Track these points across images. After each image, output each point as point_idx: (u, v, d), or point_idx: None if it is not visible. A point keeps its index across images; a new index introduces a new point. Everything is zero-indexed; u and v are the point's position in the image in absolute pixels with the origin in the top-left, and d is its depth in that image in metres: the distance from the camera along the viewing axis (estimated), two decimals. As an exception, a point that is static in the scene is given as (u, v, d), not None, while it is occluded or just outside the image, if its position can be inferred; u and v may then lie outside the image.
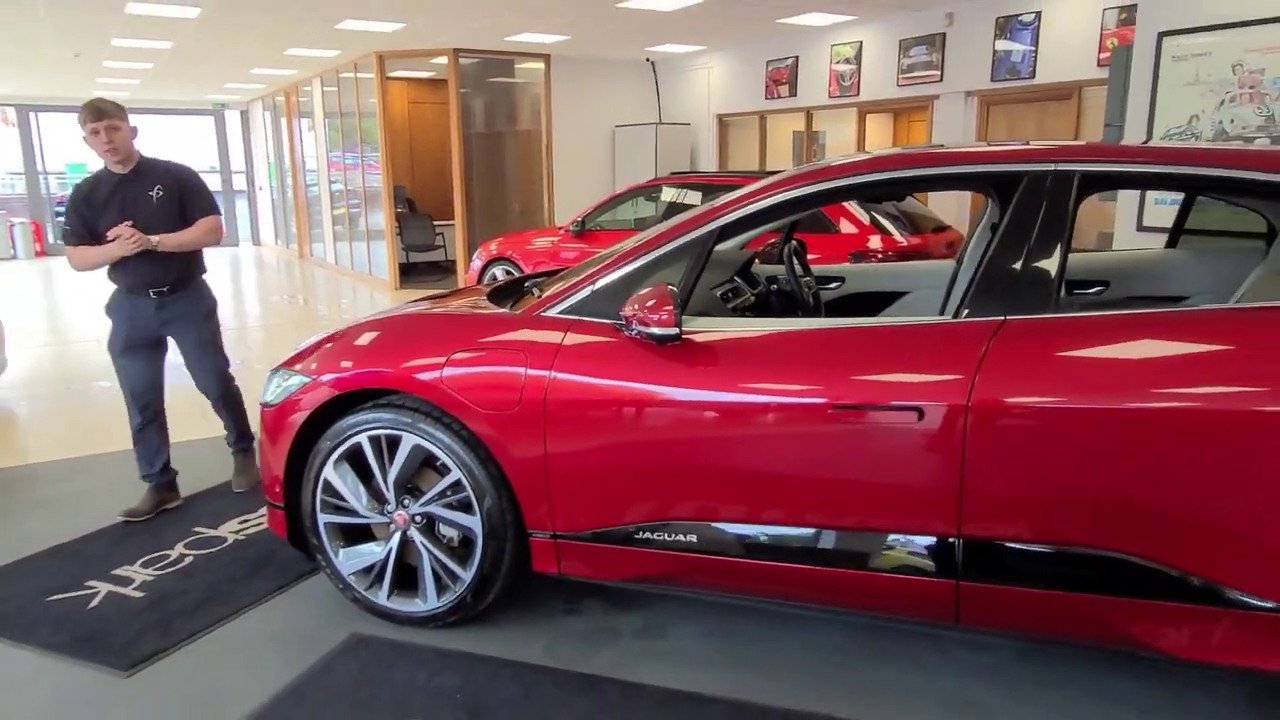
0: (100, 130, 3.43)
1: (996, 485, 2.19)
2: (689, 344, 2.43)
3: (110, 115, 3.45)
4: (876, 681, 2.53)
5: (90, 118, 3.43)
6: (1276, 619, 2.03)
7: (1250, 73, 4.49)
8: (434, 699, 2.46)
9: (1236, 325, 2.14)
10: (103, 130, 3.43)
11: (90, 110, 3.44)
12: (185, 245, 3.63)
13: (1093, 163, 2.35)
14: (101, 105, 3.46)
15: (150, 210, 3.56)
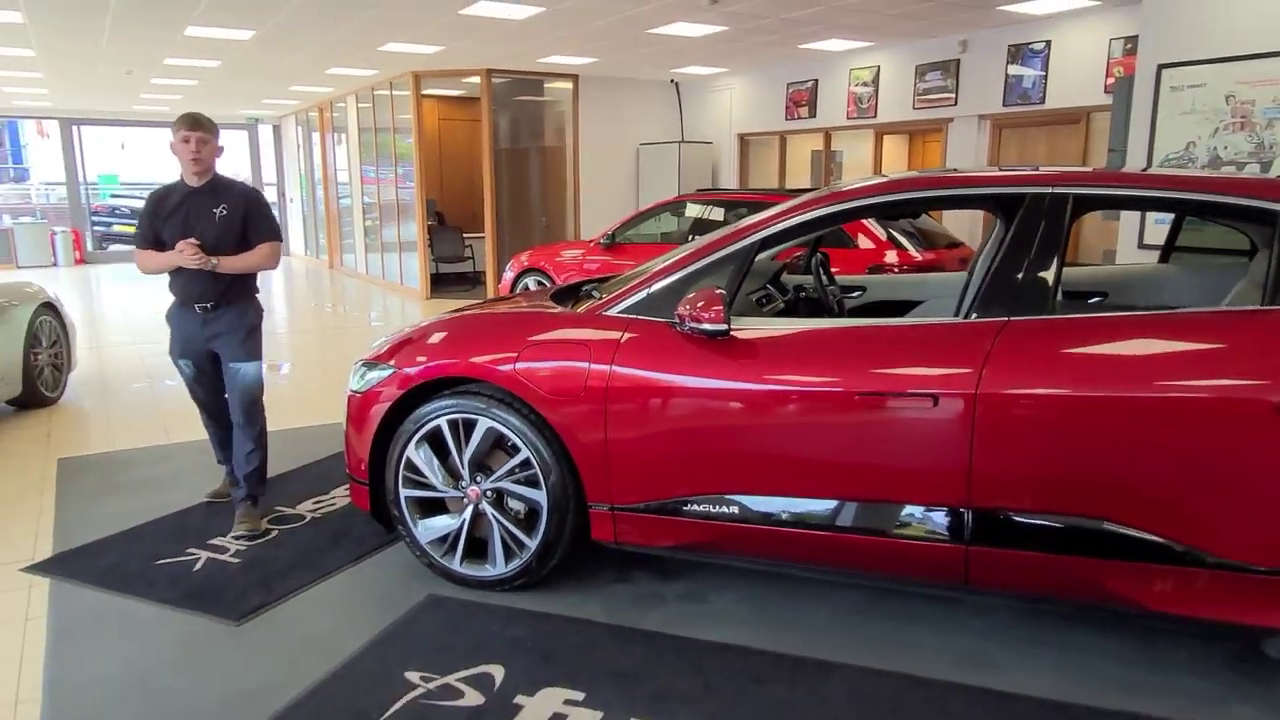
0: (191, 140, 3.55)
1: (1001, 462, 2.56)
2: (735, 339, 2.81)
3: (205, 129, 3.59)
4: (894, 638, 2.88)
5: (185, 126, 3.55)
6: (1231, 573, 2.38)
7: (1241, 103, 4.85)
8: (508, 646, 2.83)
9: (1206, 326, 2.50)
10: (194, 140, 3.55)
11: (188, 120, 3.57)
12: (242, 269, 3.70)
13: (1084, 186, 2.73)
14: (199, 118, 3.61)
15: (212, 226, 3.63)
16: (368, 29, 8.21)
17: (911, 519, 2.68)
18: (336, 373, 7.03)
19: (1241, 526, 2.39)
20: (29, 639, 2.91)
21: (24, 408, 5.82)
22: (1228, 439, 2.38)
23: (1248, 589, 2.41)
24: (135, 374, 7.03)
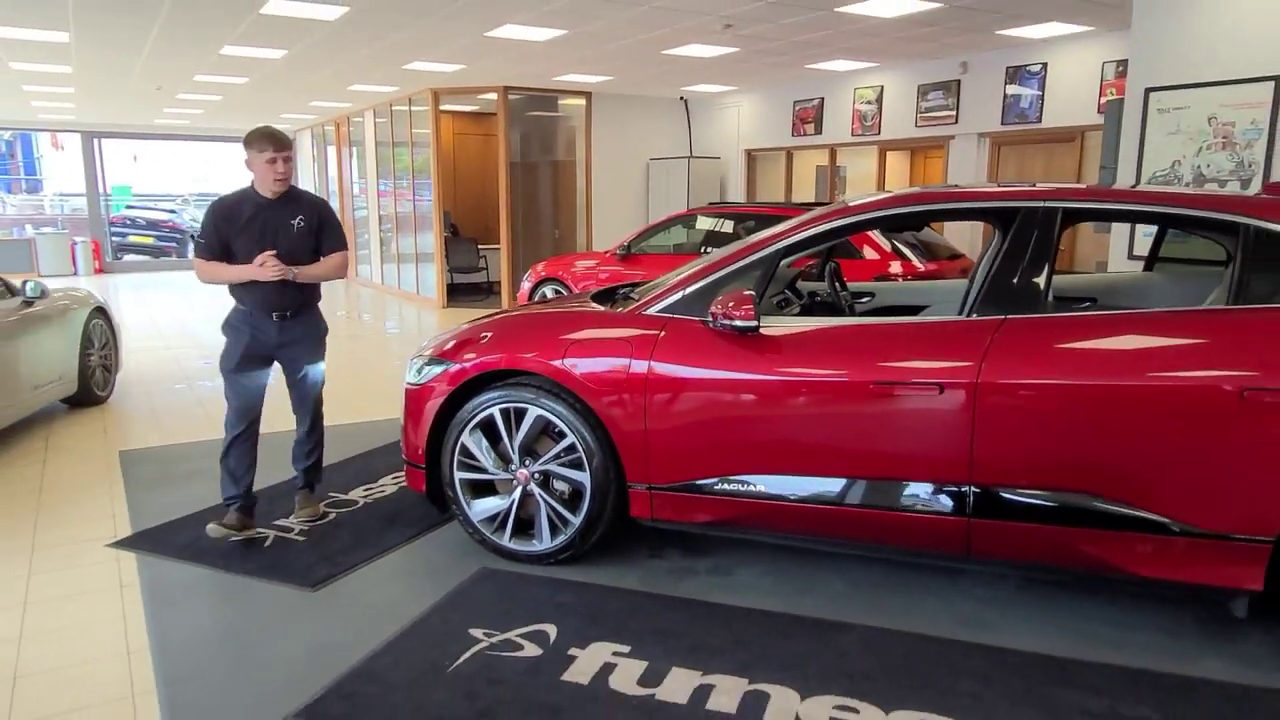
0: (278, 160, 3.59)
1: (998, 444, 2.90)
2: (763, 335, 3.15)
3: (288, 147, 3.63)
4: (903, 604, 3.22)
5: (272, 147, 3.56)
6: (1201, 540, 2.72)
7: (1223, 124, 5.21)
8: (558, 609, 3.17)
9: (1180, 323, 2.85)
10: (280, 161, 3.59)
11: (272, 139, 3.57)
12: (318, 279, 3.80)
13: (1072, 201, 3.09)
14: (281, 136, 3.63)
15: (291, 238, 3.67)
16: (395, 49, 8.59)
17: (919, 495, 3.02)
18: (364, 376, 7.38)
19: (1213, 499, 2.73)
20: (127, 602, 3.25)
21: (77, 406, 6.16)
22: (1201, 422, 2.72)
23: (1219, 554, 2.74)
24: (173, 376, 7.37)
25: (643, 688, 2.67)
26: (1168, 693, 2.64)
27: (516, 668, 2.78)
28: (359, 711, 2.54)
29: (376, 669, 2.77)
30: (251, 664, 2.82)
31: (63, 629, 3.05)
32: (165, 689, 2.66)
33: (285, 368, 3.88)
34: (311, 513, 4.01)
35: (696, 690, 2.65)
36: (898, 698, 2.61)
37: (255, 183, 3.67)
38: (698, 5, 6.60)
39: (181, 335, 9.69)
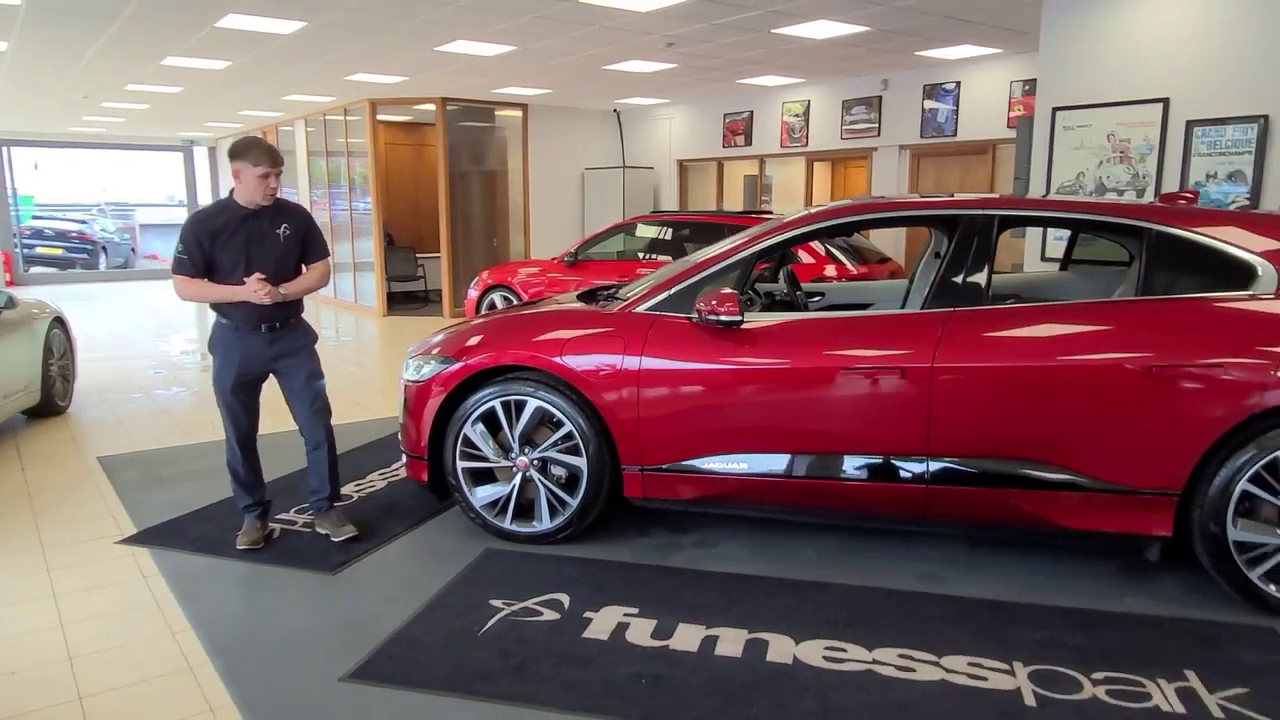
0: (272, 176, 3.54)
1: (952, 419, 3.35)
2: (745, 329, 3.55)
3: (282, 163, 3.62)
4: (869, 565, 3.64)
5: (269, 161, 3.52)
6: (1121, 496, 3.22)
7: (1120, 140, 5.87)
8: (566, 580, 3.49)
9: (1098, 312, 3.36)
10: (274, 177, 3.55)
11: (270, 155, 3.53)
12: (305, 291, 3.73)
13: (1007, 209, 3.58)
14: (277, 152, 3.60)
15: (277, 248, 3.61)
16: (342, 62, 8.74)
17: (885, 466, 3.45)
18: (324, 382, 7.51)
19: (1129, 459, 3.23)
20: (156, 590, 3.43)
21: (35, 416, 6.15)
22: (1117, 395, 3.22)
23: (1135, 507, 3.25)
24: (126, 386, 7.36)
25: (656, 640, 3.02)
26: (1097, 625, 3.12)
27: (540, 629, 3.09)
28: (406, 671, 2.82)
29: (412, 635, 3.05)
30: (293, 637, 3.05)
31: (101, 615, 3.22)
32: (219, 659, 2.88)
33: (283, 383, 3.78)
34: (349, 530, 3.87)
35: (704, 640, 3.02)
36: (877, 639, 3.02)
37: (237, 194, 3.56)
38: (645, 25, 7.00)
39: (121, 346, 9.58)
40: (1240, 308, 3.24)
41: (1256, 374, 3.10)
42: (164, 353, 9.22)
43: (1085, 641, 3.00)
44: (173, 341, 10.04)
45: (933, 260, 4.45)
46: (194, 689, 2.74)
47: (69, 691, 2.72)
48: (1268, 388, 3.09)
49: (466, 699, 2.67)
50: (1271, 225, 3.41)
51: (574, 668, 2.84)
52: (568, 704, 2.64)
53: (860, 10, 6.56)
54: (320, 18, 6.70)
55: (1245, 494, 3.13)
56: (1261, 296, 3.24)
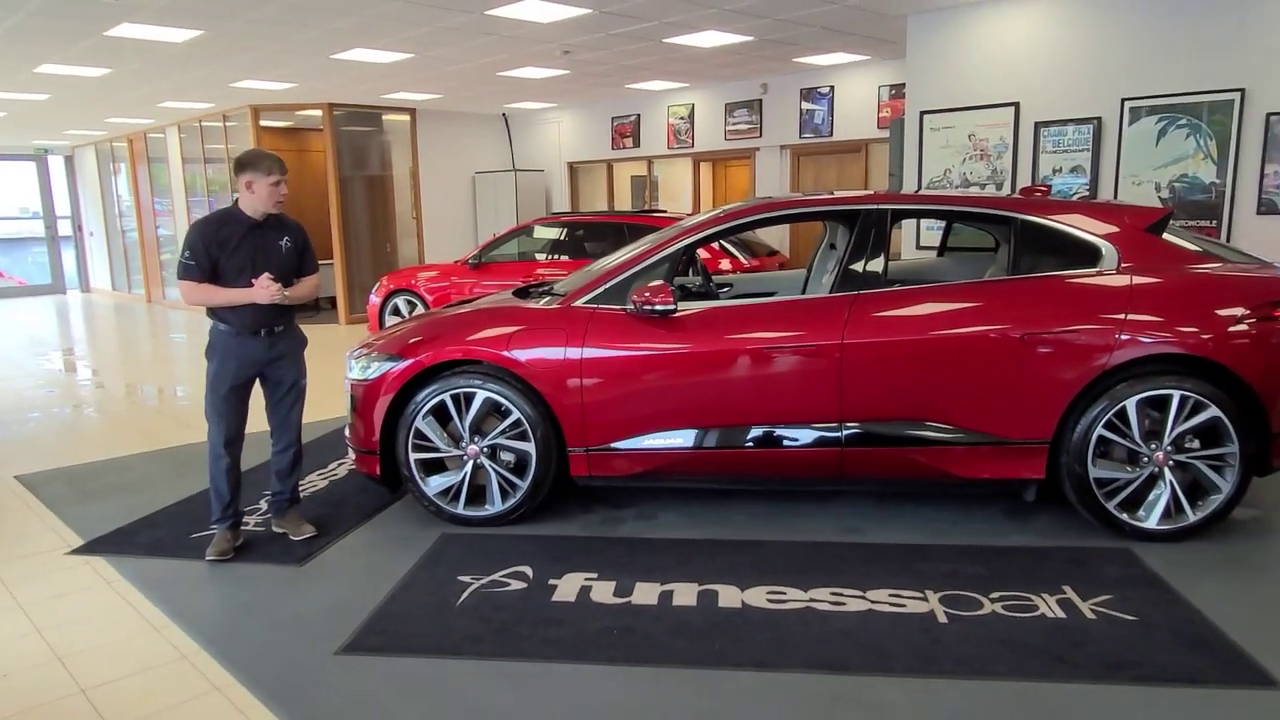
0: (282, 183, 3.70)
1: (861, 388, 3.83)
2: (677, 317, 3.92)
3: (287, 170, 3.78)
4: (795, 523, 4.09)
5: (279, 170, 3.68)
6: (1003, 446, 3.78)
7: (980, 140, 6.58)
8: (525, 554, 3.78)
9: (978, 290, 3.91)
10: (283, 184, 3.72)
11: (279, 164, 3.69)
12: (304, 299, 3.92)
13: (898, 203, 4.10)
14: (282, 160, 3.74)
15: (280, 259, 3.78)
16: (230, 69, 8.63)
17: (806, 434, 3.90)
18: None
19: (1008, 415, 3.79)
20: (125, 593, 3.51)
21: (-70, 441, 5.91)
22: (996, 360, 3.77)
23: (1006, 454, 3.81)
24: (20, 406, 7.10)
25: (619, 598, 3.36)
26: (990, 557, 3.66)
27: (512, 598, 3.38)
28: (396, 641, 3.06)
29: (394, 611, 3.28)
30: (278, 623, 3.23)
31: (77, 620, 3.29)
32: (213, 648, 3.04)
33: (271, 384, 3.91)
34: (309, 529, 4.03)
35: (661, 595, 3.38)
36: (810, 581, 3.46)
37: (244, 204, 3.71)
38: (544, 34, 7.29)
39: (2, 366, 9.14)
40: (1090, 283, 3.84)
41: (1105, 337, 3.71)
42: (50, 370, 8.87)
43: (982, 570, 3.53)
44: (54, 359, 9.63)
45: (829, 251, 4.96)
46: (194, 674, 2.89)
47: (69, 687, 2.83)
48: (1114, 348, 3.70)
49: (458, 659, 2.93)
50: (1110, 212, 4.05)
51: (550, 627, 3.15)
52: (552, 656, 2.95)
53: (746, 22, 7.06)
54: (219, 27, 6.67)
55: (1101, 438, 3.73)
56: (1106, 272, 3.85)
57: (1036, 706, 2.60)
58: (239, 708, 2.69)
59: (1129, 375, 3.72)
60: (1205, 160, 5.55)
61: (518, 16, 6.58)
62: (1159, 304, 3.74)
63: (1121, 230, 3.92)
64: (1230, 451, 3.68)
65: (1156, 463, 3.72)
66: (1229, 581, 3.39)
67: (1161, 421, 3.70)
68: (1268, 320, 3.72)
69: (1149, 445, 3.71)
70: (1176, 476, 3.73)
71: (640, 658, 2.92)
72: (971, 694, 2.67)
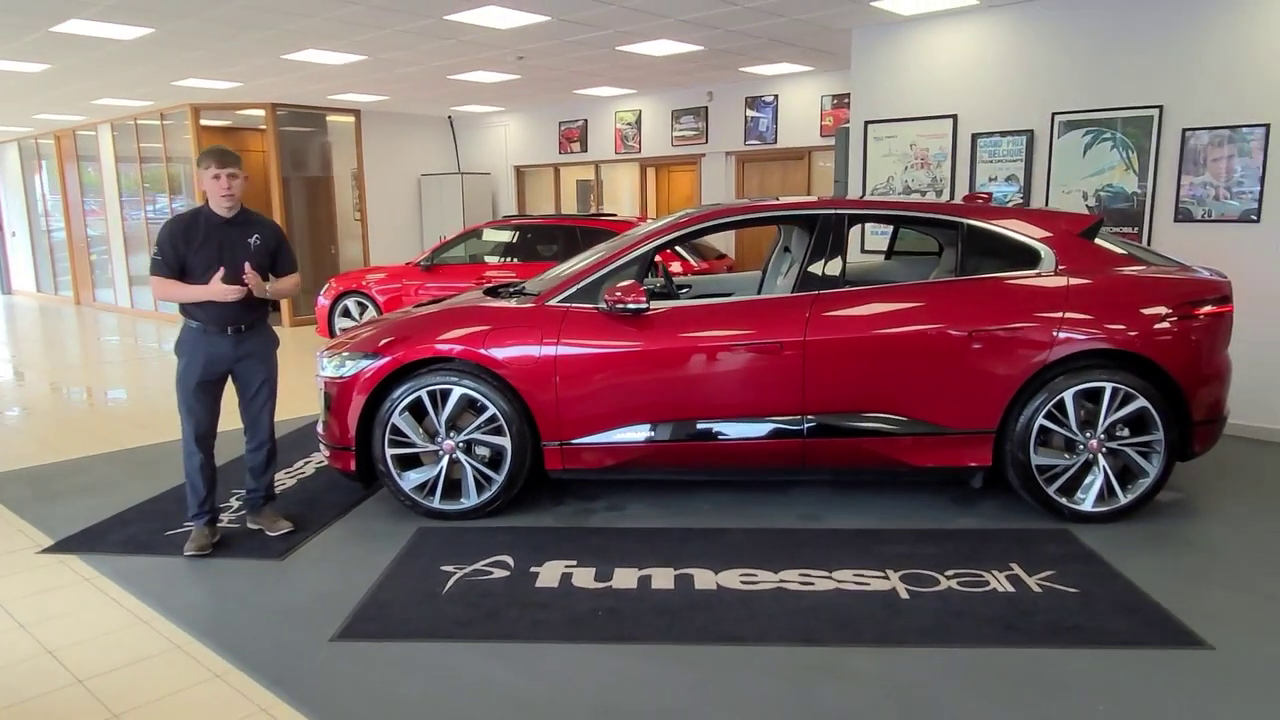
0: (222, 176, 3.69)
1: (822, 383, 4.06)
2: (649, 315, 4.10)
3: (234, 164, 3.73)
4: (758, 512, 4.30)
5: (216, 163, 3.68)
6: (952, 436, 4.05)
7: (921, 150, 6.91)
8: (502, 545, 3.91)
9: (929, 291, 4.18)
10: (224, 176, 3.69)
11: (217, 156, 3.69)
12: (278, 295, 3.94)
13: (853, 209, 4.35)
14: (227, 153, 3.74)
15: (247, 256, 3.77)
16: (175, 67, 8.51)
17: (771, 426, 4.11)
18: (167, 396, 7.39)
19: (958, 407, 4.06)
20: (106, 589, 3.53)
21: None
22: (946, 355, 4.04)
23: (956, 444, 4.09)
24: (-42, 410, 6.92)
25: (600, 583, 3.52)
26: (943, 538, 3.92)
27: (497, 584, 3.51)
28: (389, 627, 3.16)
29: (383, 600, 3.38)
30: (269, 613, 3.30)
31: (60, 615, 3.31)
32: (206, 638, 3.09)
33: (241, 382, 3.94)
34: (285, 525, 4.08)
35: (640, 579, 3.55)
36: (779, 564, 3.66)
37: (210, 202, 3.79)
38: (501, 40, 7.40)
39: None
40: (1030, 284, 4.14)
41: (1045, 334, 4.01)
42: (-18, 375, 8.61)
43: (936, 551, 3.78)
44: (-15, 363, 9.34)
45: (783, 254, 5.20)
46: (191, 663, 2.95)
47: (65, 678, 2.86)
48: (1053, 345, 4.01)
49: (452, 642, 3.05)
50: (1047, 218, 4.37)
51: (537, 610, 3.29)
52: (542, 636, 3.09)
53: (699, 33, 7.28)
54: (172, 25, 6.61)
55: (1042, 428, 4.03)
56: (1044, 274, 4.16)
57: (992, 669, 2.84)
58: (242, 692, 2.77)
59: (1066, 369, 4.03)
60: (1128, 171, 5.95)
61: (477, 22, 6.68)
62: (1092, 304, 4.05)
63: (1058, 235, 4.23)
64: (1156, 439, 4.01)
65: (1091, 450, 4.04)
66: (1157, 556, 3.71)
67: (1095, 412, 4.02)
68: (1187, 318, 4.07)
69: (1084, 434, 4.03)
70: (1109, 462, 4.05)
71: (627, 636, 3.08)
72: (933, 660, 2.90)
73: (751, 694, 2.71)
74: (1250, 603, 3.29)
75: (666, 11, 6.49)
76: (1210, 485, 4.62)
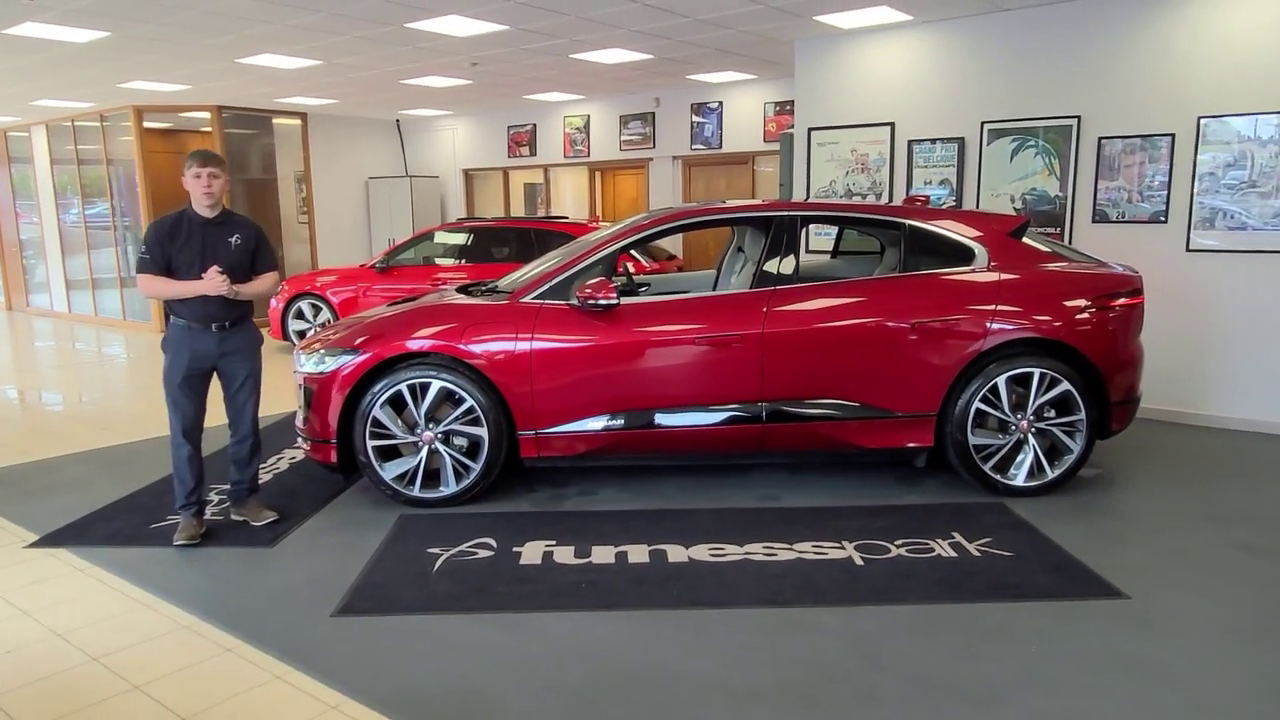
0: (203, 175, 3.83)
1: (779, 372, 4.38)
2: (617, 310, 4.37)
3: (215, 163, 3.88)
4: (720, 494, 4.60)
5: (197, 163, 3.84)
6: (898, 420, 4.42)
7: (861, 155, 7.32)
8: (483, 528, 4.13)
9: (876, 286, 4.53)
10: (205, 176, 3.84)
11: (199, 156, 3.86)
12: (255, 295, 4.07)
13: (805, 211, 4.69)
14: (209, 154, 3.90)
15: (229, 255, 3.94)
16: (123, 70, 8.48)
17: (732, 413, 4.42)
18: (125, 398, 7.40)
19: (903, 392, 4.42)
20: (103, 578, 3.65)
21: None
22: (892, 345, 4.40)
23: (901, 426, 4.45)
24: (-94, 415, 6.83)
25: (579, 559, 3.77)
26: (891, 513, 4.28)
27: (482, 564, 3.74)
28: (386, 603, 3.37)
29: (376, 580, 3.58)
30: (268, 594, 3.47)
31: (61, 602, 3.43)
32: (212, 618, 3.26)
33: (225, 377, 4.07)
34: (270, 514, 4.24)
35: (617, 555, 3.81)
36: (744, 539, 3.97)
37: (193, 202, 3.94)
38: (458, 47, 7.59)
39: None
40: (966, 279, 4.53)
41: (980, 325, 4.40)
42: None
43: (885, 524, 4.13)
44: (-77, 369, 9.14)
45: (737, 253, 5.53)
46: (200, 640, 3.12)
47: (78, 657, 3.00)
48: (988, 335, 4.40)
49: (447, 614, 3.28)
50: (980, 219, 4.77)
51: (523, 584, 3.53)
52: (532, 607, 3.33)
53: (650, 42, 7.58)
54: (128, 30, 6.65)
55: (978, 411, 4.41)
56: (978, 270, 4.55)
57: (940, 621, 3.18)
58: (254, 663, 2.95)
59: (999, 357, 4.42)
60: (1050, 176, 6.43)
61: (436, 30, 6.86)
62: (1021, 297, 4.46)
63: (990, 235, 4.63)
64: (1079, 419, 4.43)
65: (1022, 430, 4.44)
66: (1080, 522, 4.12)
67: (1025, 395, 4.42)
68: (1105, 310, 4.51)
69: (1016, 415, 4.42)
70: (1038, 441, 4.46)
71: (611, 604, 3.35)
72: (889, 616, 3.23)
73: (731, 649, 3.00)
74: (1160, 560, 3.70)
75: (621, 22, 6.77)
76: (1125, 462, 5.08)
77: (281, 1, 5.98)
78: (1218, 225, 5.82)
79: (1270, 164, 5.59)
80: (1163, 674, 2.81)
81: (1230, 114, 5.69)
